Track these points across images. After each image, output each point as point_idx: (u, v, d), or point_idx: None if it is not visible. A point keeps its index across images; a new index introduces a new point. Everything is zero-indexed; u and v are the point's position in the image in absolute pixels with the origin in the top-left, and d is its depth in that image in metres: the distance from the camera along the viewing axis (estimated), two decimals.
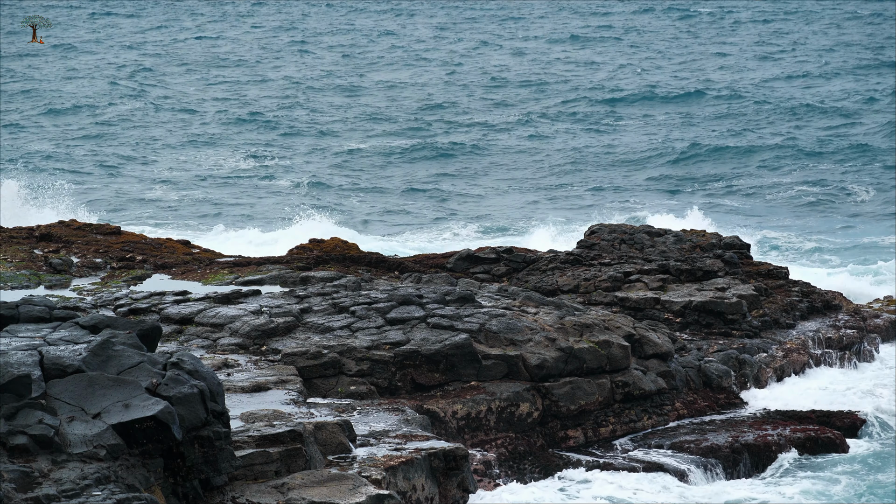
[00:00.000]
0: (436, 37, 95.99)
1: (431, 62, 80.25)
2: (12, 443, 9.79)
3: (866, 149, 49.90)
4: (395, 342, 18.05)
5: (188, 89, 70.07)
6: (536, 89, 67.73)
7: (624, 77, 71.05)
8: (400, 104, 64.37)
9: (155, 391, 10.57)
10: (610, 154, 50.54)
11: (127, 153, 52.73)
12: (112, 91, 68.24)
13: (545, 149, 52.53)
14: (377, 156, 52.43)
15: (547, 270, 24.14)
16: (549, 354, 18.39)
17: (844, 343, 22.94)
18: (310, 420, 13.80)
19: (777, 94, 63.98)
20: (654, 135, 54.38)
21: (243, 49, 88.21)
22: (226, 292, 20.39)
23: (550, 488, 16.62)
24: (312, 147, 54.21)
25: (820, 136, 52.88)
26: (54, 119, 60.14)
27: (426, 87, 69.08)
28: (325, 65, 79.74)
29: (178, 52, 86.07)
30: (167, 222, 40.01)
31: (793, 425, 19.22)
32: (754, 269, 25.00)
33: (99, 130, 57.60)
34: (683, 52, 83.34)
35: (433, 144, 53.70)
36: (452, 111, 62.07)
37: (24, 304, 12.36)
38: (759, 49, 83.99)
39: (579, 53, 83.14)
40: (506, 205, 42.25)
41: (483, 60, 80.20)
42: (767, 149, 50.45)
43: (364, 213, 42.27)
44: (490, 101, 64.62)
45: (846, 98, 61.81)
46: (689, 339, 21.62)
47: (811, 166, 47.14)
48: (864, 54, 79.00)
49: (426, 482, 13.75)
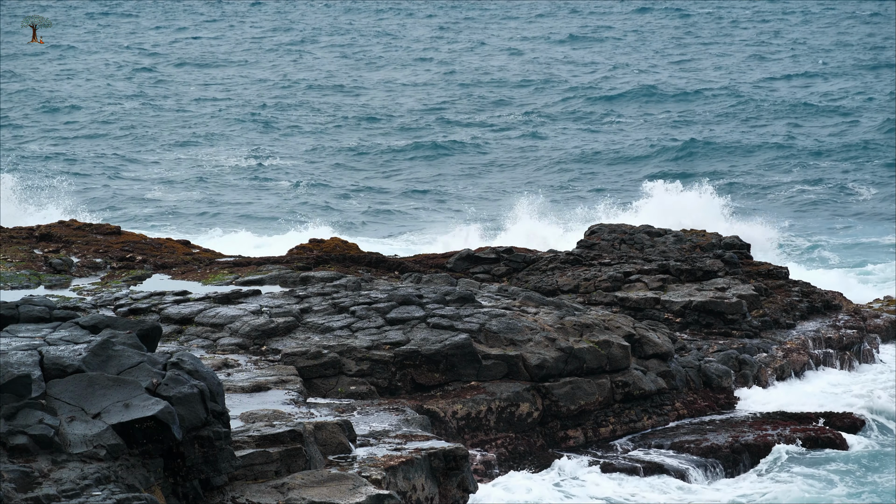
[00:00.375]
0: (435, 37, 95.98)
1: (430, 62, 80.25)
2: (12, 443, 9.78)
3: (866, 148, 49.92)
4: (395, 342, 18.05)
5: (187, 89, 70.06)
6: (536, 89, 67.73)
7: (623, 76, 71.06)
8: (399, 104, 64.37)
9: (155, 391, 10.56)
10: (609, 153, 50.55)
11: (126, 153, 52.72)
12: (111, 91, 68.23)
13: (545, 148, 52.54)
14: (377, 155, 52.43)
15: (547, 270, 24.14)
16: (549, 354, 18.38)
17: (844, 343, 22.94)
18: (310, 420, 13.79)
19: (776, 93, 63.99)
20: (653, 134, 54.39)
21: (242, 49, 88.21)
22: (226, 292, 20.39)
23: (550, 488, 16.61)
24: (312, 147, 54.21)
25: (819, 135, 52.89)
26: (53, 119, 60.12)
27: (425, 87, 69.09)
28: (325, 64, 79.74)
29: (178, 52, 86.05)
30: (167, 222, 40.01)
31: (792, 425, 19.22)
32: (754, 269, 25.00)
33: (98, 130, 57.60)
34: (682, 51, 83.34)
35: (433, 144, 53.69)
36: (452, 111, 62.07)
37: (24, 304, 12.34)
38: (758, 49, 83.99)
39: (578, 53, 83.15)
40: (506, 204, 42.25)
41: (482, 60, 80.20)
42: (766, 148, 50.45)
43: (364, 212, 42.28)
44: (489, 101, 64.61)
45: (845, 97, 61.83)
46: (689, 339, 21.62)
47: (810, 166, 47.14)
48: (863, 54, 79.00)
49: (426, 482, 13.75)
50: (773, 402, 20.28)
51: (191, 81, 73.17)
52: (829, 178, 44.78)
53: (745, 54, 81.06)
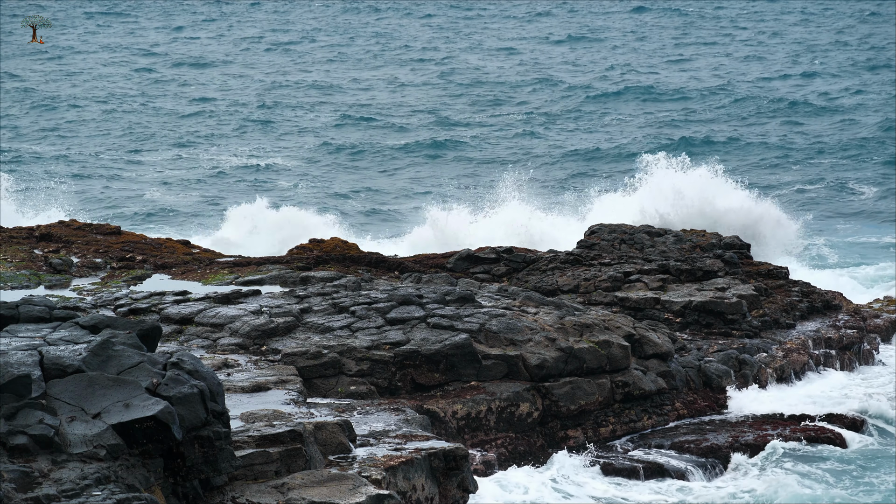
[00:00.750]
0: (434, 36, 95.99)
1: (429, 61, 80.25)
2: (12, 443, 9.78)
3: (865, 147, 49.91)
4: (395, 342, 18.04)
5: (187, 89, 70.06)
6: (534, 89, 67.72)
7: (621, 75, 71.05)
8: (400, 104, 64.36)
9: (155, 391, 10.55)
10: (608, 151, 50.55)
11: (126, 153, 52.69)
12: (111, 91, 68.21)
13: (544, 147, 52.54)
14: (376, 155, 52.41)
15: (547, 270, 24.13)
16: (549, 354, 18.38)
17: (844, 343, 22.93)
18: (310, 420, 13.78)
19: (775, 92, 63.99)
20: (651, 132, 54.39)
21: (242, 49, 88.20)
22: (226, 292, 20.38)
23: (549, 488, 16.61)
24: (312, 147, 54.20)
25: (818, 134, 52.88)
26: (52, 119, 60.10)
27: (425, 87, 69.09)
28: (324, 64, 79.73)
29: (177, 52, 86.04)
30: (166, 222, 40.00)
31: (792, 425, 19.23)
32: (754, 268, 25.00)
33: (98, 130, 57.58)
34: (681, 51, 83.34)
35: (433, 143, 53.67)
36: (452, 111, 62.07)
37: (24, 304, 12.34)
38: (757, 49, 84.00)
39: (576, 53, 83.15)
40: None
41: (481, 60, 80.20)
42: (766, 147, 50.46)
43: (364, 212, 42.26)
44: (488, 101, 64.61)
45: (844, 96, 61.83)
46: (689, 339, 21.61)
47: (809, 165, 47.14)
48: (862, 54, 79.01)
49: (426, 482, 13.74)
50: (772, 403, 20.27)
51: (190, 81, 73.17)
52: (828, 177, 44.78)
53: (743, 53, 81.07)
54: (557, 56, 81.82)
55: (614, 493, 16.68)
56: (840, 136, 52.42)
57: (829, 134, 53.13)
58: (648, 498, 16.65)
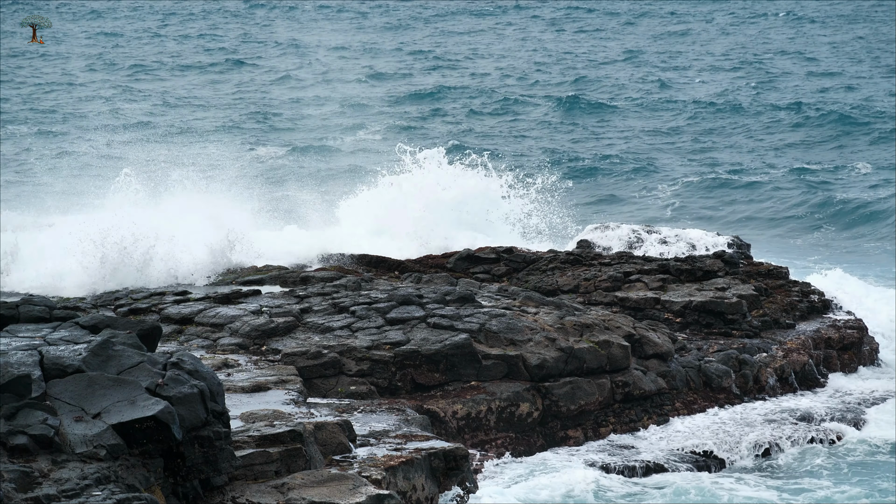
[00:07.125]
0: (432, 36, 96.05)
1: (429, 61, 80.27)
2: (12, 443, 9.77)
3: (866, 147, 49.92)
4: (395, 342, 18.04)
5: (186, 88, 70.06)
6: (532, 90, 67.74)
7: (620, 77, 71.08)
8: (399, 103, 64.37)
9: (155, 391, 10.55)
10: (606, 155, 50.55)
11: (126, 153, 52.68)
12: (110, 91, 68.25)
13: (543, 147, 52.55)
14: (375, 155, 52.37)
15: (547, 270, 24.13)
16: (549, 354, 18.38)
17: (845, 343, 22.93)
18: (310, 420, 13.78)
19: (775, 93, 64.01)
20: (650, 133, 54.41)
21: (241, 48, 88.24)
22: (226, 292, 20.39)
23: (549, 488, 16.61)
24: (311, 147, 54.21)
25: (818, 134, 52.90)
26: (52, 119, 60.12)
27: (424, 87, 69.09)
28: (323, 64, 79.77)
29: (177, 52, 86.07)
30: None
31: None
32: (754, 268, 24.99)
33: (97, 130, 57.58)
34: (680, 53, 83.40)
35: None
36: (452, 109, 62.09)
37: (24, 303, 12.34)
38: (755, 48, 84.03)
39: (576, 56, 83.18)
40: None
41: (478, 62, 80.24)
42: (765, 147, 50.46)
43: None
44: (488, 100, 64.63)
45: (844, 97, 61.85)
46: (689, 339, 21.61)
47: (809, 165, 47.14)
48: (861, 54, 79.05)
49: (426, 482, 13.74)
50: (772, 402, 20.28)
51: (190, 81, 73.18)
52: (828, 176, 44.76)
53: (743, 53, 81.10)
54: (557, 57, 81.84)
55: (614, 493, 16.68)
56: (839, 136, 52.42)
57: (829, 134, 53.13)
58: (648, 498, 16.65)
